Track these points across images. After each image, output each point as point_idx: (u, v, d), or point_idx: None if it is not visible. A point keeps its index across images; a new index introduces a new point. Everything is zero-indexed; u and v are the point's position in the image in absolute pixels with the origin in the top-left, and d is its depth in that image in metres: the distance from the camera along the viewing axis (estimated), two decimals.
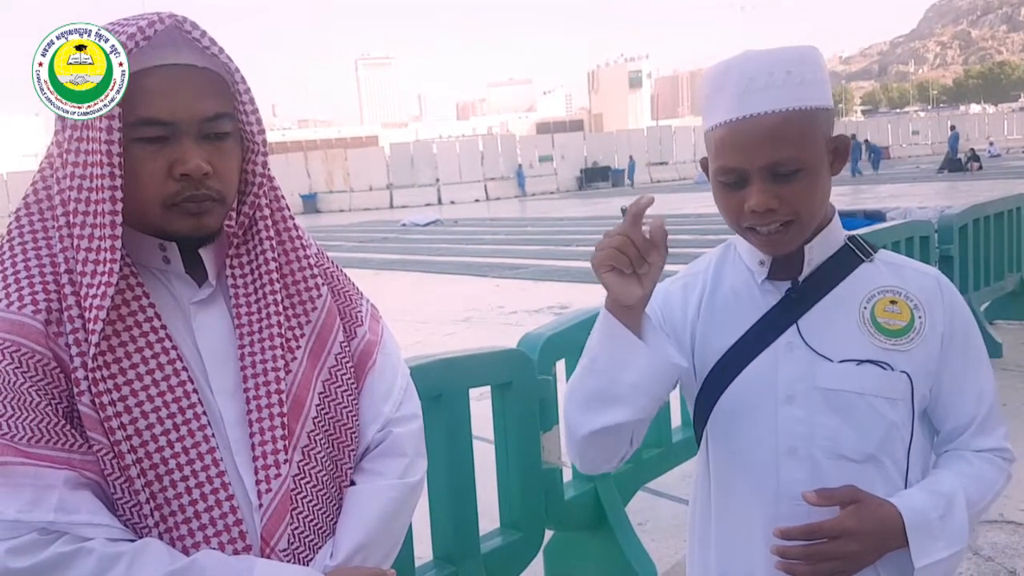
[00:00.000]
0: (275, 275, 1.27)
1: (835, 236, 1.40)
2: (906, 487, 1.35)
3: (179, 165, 1.14)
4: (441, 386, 2.44)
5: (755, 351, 1.38)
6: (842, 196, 22.50)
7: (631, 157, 43.86)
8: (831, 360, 1.34)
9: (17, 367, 1.07)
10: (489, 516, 2.80)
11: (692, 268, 1.53)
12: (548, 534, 3.18)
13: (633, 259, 1.22)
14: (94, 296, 1.10)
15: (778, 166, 1.26)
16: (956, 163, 31.40)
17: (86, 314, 1.10)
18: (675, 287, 1.51)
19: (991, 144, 42.81)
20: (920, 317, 1.35)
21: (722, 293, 1.45)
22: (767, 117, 1.25)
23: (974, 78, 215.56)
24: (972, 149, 32.54)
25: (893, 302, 1.36)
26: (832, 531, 1.27)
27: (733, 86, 1.27)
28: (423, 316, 9.60)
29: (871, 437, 1.33)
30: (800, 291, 1.37)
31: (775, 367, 1.36)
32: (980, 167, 31.04)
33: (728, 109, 1.27)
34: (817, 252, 1.37)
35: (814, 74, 1.28)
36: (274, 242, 1.28)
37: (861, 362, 1.33)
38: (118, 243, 1.11)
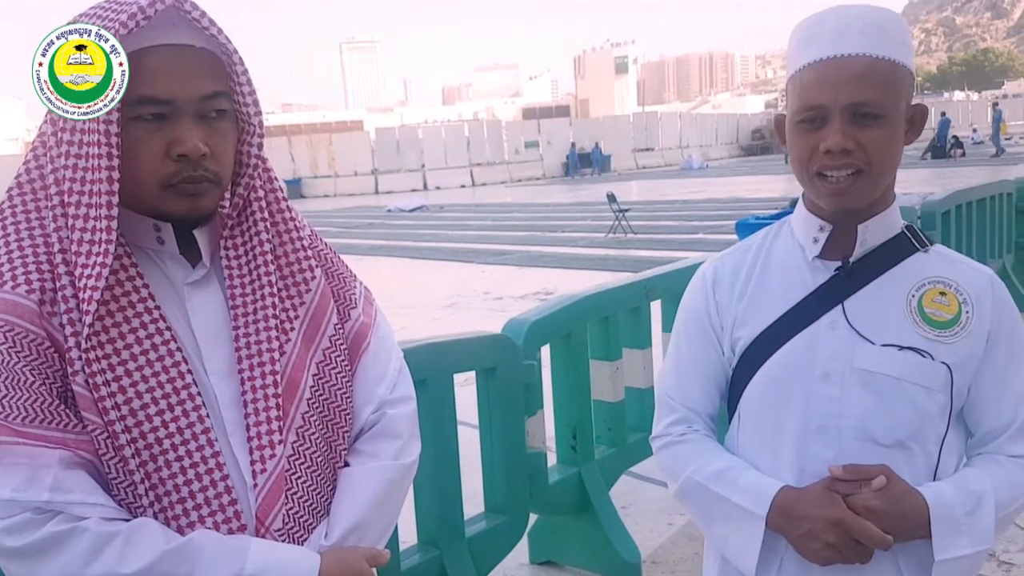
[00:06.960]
0: (269, 256, 1.27)
1: (892, 221, 1.39)
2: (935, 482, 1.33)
3: (177, 145, 1.14)
4: (426, 371, 2.44)
5: (797, 328, 1.38)
6: None
7: (574, 143, 43.82)
8: (873, 343, 1.33)
9: (11, 347, 1.07)
10: (474, 500, 2.82)
11: (743, 244, 1.52)
12: (533, 518, 3.20)
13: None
14: (88, 276, 1.10)
15: (862, 106, 1.26)
16: (939, 150, 31.48)
17: (80, 294, 1.10)
18: (725, 264, 1.51)
19: (974, 131, 42.89)
20: (967, 312, 1.34)
21: (771, 269, 1.45)
22: (858, 59, 1.26)
23: (958, 65, 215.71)
24: (955, 136, 32.61)
25: (942, 293, 1.35)
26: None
27: (828, 30, 1.29)
28: (408, 301, 9.59)
29: (903, 424, 1.32)
30: (850, 272, 1.37)
31: (814, 345, 1.36)
32: (963, 154, 31.16)
33: (821, 49, 1.29)
34: (872, 234, 1.36)
35: (903, 35, 1.31)
36: (268, 224, 1.28)
37: (903, 348, 1.32)
38: (114, 223, 1.11)
